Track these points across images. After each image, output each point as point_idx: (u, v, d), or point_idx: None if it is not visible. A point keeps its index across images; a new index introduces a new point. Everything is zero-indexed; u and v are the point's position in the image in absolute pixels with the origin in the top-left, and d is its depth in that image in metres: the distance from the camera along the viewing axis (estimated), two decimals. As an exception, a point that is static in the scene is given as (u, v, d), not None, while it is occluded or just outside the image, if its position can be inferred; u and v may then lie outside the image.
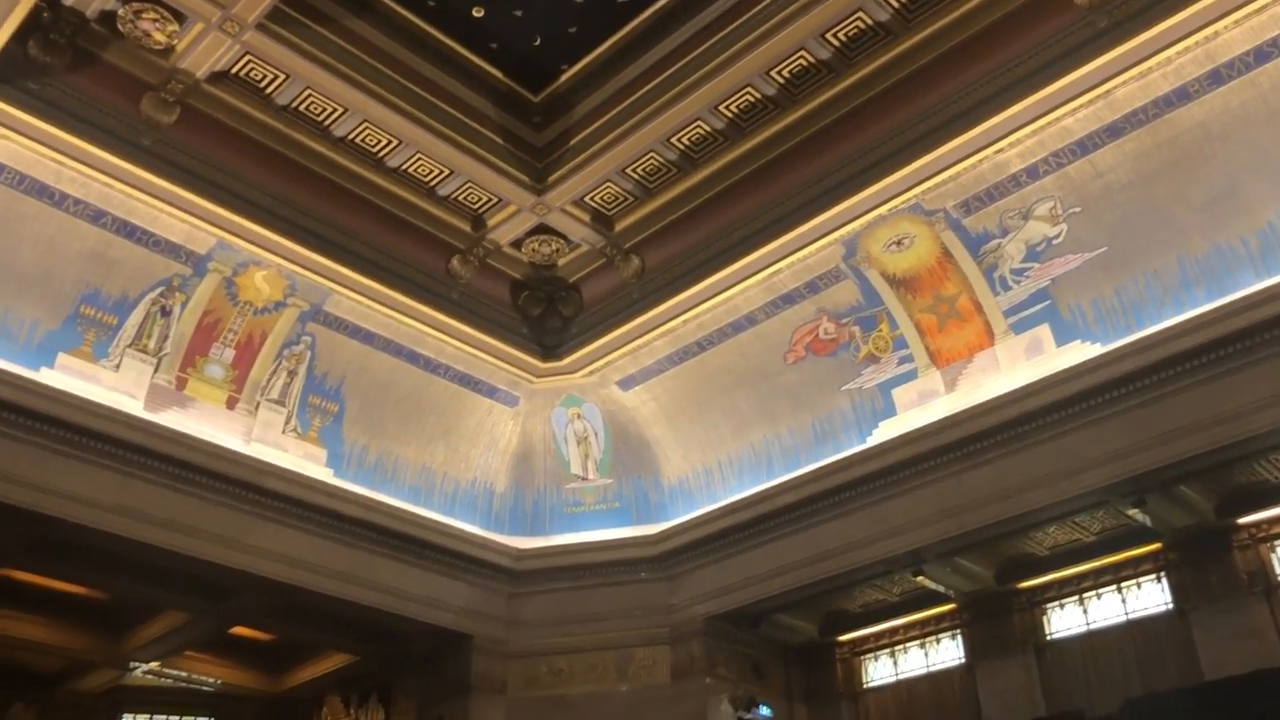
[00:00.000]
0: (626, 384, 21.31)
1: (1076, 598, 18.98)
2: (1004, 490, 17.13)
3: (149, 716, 25.09)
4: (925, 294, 18.34)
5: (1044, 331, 17.36)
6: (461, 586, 21.41)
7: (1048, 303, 17.30)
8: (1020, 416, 17.02)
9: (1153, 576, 18.19)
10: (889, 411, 18.98)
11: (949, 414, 17.86)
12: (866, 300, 18.81)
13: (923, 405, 18.49)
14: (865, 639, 21.70)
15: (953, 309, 18.19)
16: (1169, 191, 15.93)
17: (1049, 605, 19.27)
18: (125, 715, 24.88)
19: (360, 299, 19.14)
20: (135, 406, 17.76)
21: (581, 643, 21.36)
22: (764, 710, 20.78)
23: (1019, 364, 17.47)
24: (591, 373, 21.22)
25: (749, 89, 16.73)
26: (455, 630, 21.18)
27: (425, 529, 20.88)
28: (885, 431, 18.81)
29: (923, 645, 21.02)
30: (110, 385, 17.63)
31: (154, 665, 22.96)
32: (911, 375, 18.82)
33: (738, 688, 20.34)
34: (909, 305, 18.54)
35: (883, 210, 17.43)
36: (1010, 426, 17.15)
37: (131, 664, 22.74)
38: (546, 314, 20.89)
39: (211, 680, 24.25)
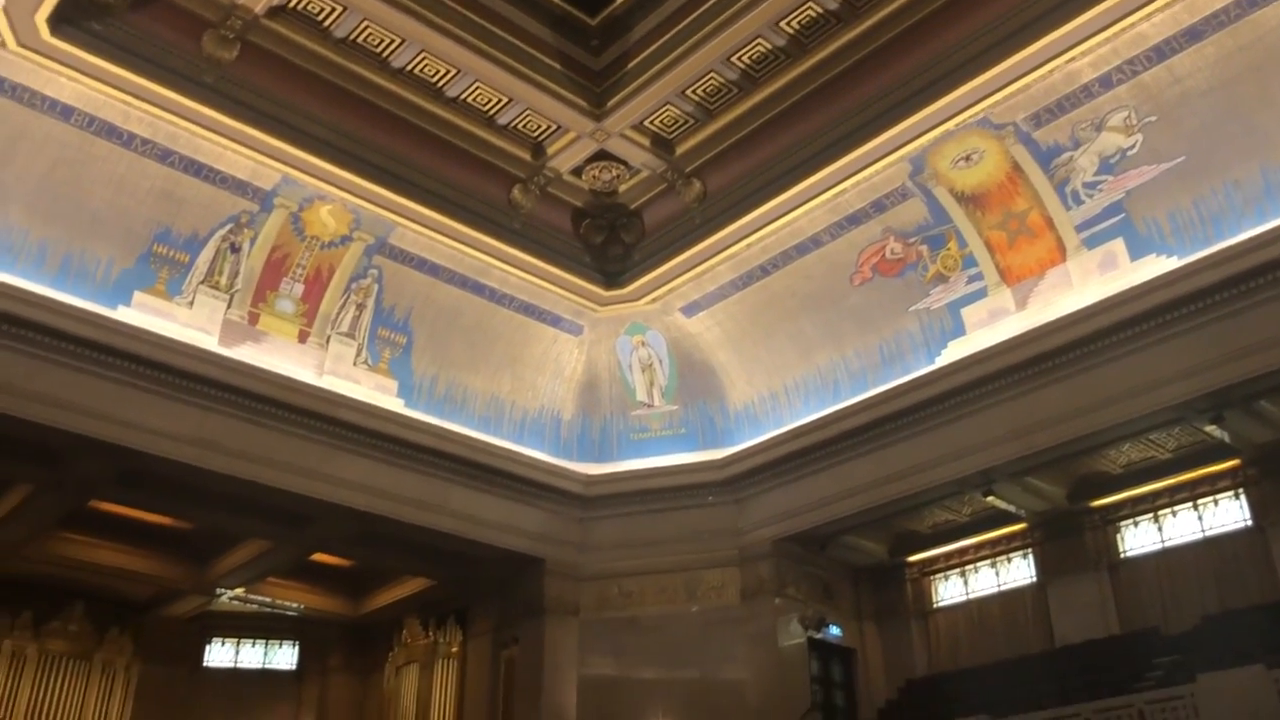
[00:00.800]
0: (690, 310, 21.27)
1: (1151, 515, 18.76)
2: (1076, 409, 16.88)
3: (236, 640, 26.09)
4: (995, 210, 17.95)
5: (1118, 246, 16.93)
6: (533, 512, 21.78)
7: (1121, 216, 16.84)
8: (1093, 333, 16.70)
9: (1230, 493, 17.89)
10: (958, 331, 18.74)
11: (1019, 332, 17.58)
12: (934, 218, 18.47)
13: (992, 324, 18.22)
14: (935, 559, 21.70)
15: (1023, 225, 17.80)
16: (1252, 97, 15.30)
17: (1123, 523, 19.08)
18: (214, 639, 25.90)
19: (424, 231, 19.26)
20: (210, 342, 18.18)
21: (651, 565, 21.67)
22: (833, 629, 20.99)
23: (1092, 279, 17.09)
24: (655, 300, 21.20)
25: (810, 3, 16.32)
26: (528, 554, 21.61)
27: (496, 457, 21.23)
28: (954, 352, 18.59)
29: (993, 565, 20.99)
30: (185, 322, 18.05)
31: (239, 591, 23.75)
32: (981, 294, 18.52)
33: (807, 608, 20.54)
34: (978, 222, 18.18)
35: (950, 125, 17.01)
36: (1083, 344, 16.85)
37: (218, 590, 23.56)
38: (608, 241, 20.84)
39: (295, 605, 25.04)
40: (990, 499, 18.99)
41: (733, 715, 19.86)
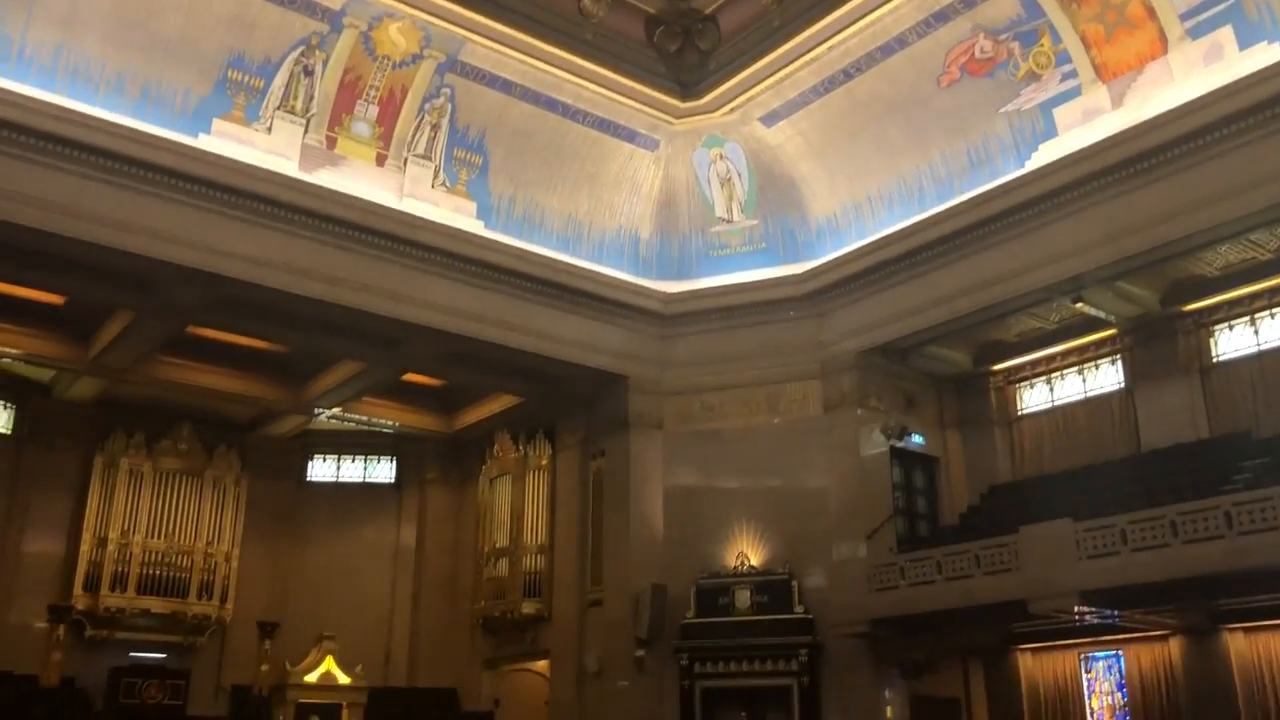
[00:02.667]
0: (769, 119, 20.69)
1: (1248, 318, 18.23)
2: (1174, 209, 16.24)
3: (337, 456, 27.29)
4: (1091, 1, 16.92)
5: (1225, 34, 15.87)
6: (614, 330, 22.03)
7: (1231, 1, 15.73)
8: (1195, 130, 15.88)
9: (1335, 294, 17.27)
10: (1050, 132, 17.99)
11: (1115, 131, 16.81)
12: (1027, 13, 17.47)
13: (1087, 124, 17.44)
14: (1020, 367, 21.53)
15: (1121, 16, 16.76)
16: None
17: (1217, 327, 18.59)
18: (316, 455, 27.11)
19: (494, 46, 18.86)
20: (290, 167, 18.34)
21: (733, 379, 21.90)
22: (916, 438, 21.15)
23: (1195, 72, 16.14)
24: (733, 110, 20.65)
25: None
26: (611, 371, 21.97)
27: (575, 276, 21.36)
28: (1046, 154, 17.91)
29: (1080, 371, 20.75)
30: (265, 148, 18.19)
31: (336, 411, 24.67)
32: (1075, 92, 17.68)
33: (890, 417, 20.67)
34: (1073, 15, 17.16)
35: (1046, -92, 15.89)
36: (1183, 141, 16.06)
37: (316, 410, 24.50)
38: (684, 49, 20.19)
39: (390, 423, 25.98)
40: (1080, 305, 18.61)
41: (814, 521, 20.36)
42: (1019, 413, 21.63)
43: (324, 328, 20.09)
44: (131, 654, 22.71)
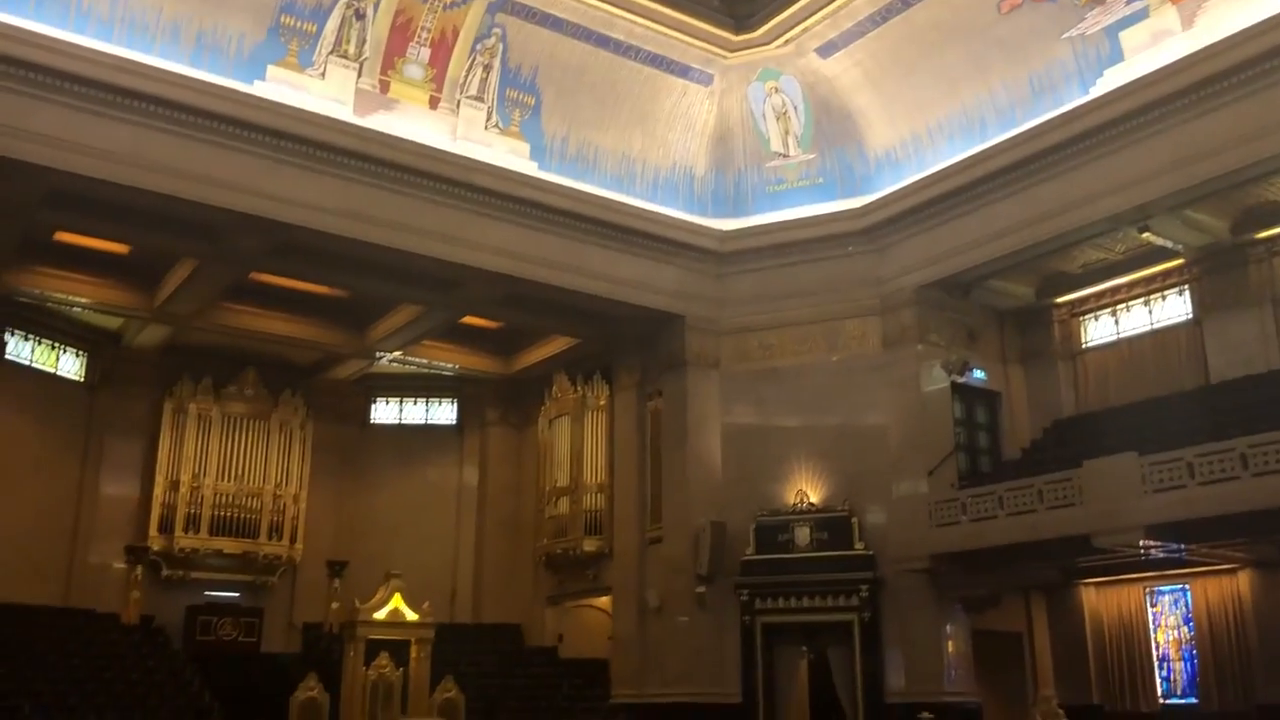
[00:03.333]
0: (826, 51, 20.29)
1: (1323, 246, 17.71)
2: (1246, 134, 15.70)
3: (399, 399, 27.69)
4: (1162, -83, 16.31)
5: (1303, -52, 15.23)
6: (670, 269, 21.95)
7: (1310, -87, 15.07)
8: (1268, 50, 15.29)
9: None
10: (1115, 57, 17.45)
11: (1185, 54, 16.25)
12: (1092, -69, 16.92)
13: (1155, 47, 16.88)
14: (1084, 299, 21.14)
15: (1194, -68, 16.14)
16: None
17: (1290, 255, 18.08)
18: (378, 398, 27.53)
19: (545, -17, 18.68)
20: (345, 112, 18.40)
21: (791, 317, 21.77)
22: (977, 374, 20.91)
23: (1271, -11, 15.50)
24: (787, 41, 20.28)
25: None
26: (667, 311, 21.94)
27: (630, 216, 21.28)
28: (1111, 79, 17.38)
29: (1146, 303, 20.34)
30: (319, 93, 18.25)
31: (397, 354, 24.96)
32: (1142, 14, 17.09)
33: (950, 353, 20.43)
34: (1142, -68, 16.57)
35: None
36: (1256, 63, 15.48)
37: (377, 353, 24.81)
38: (737, -19, 19.86)
39: (450, 365, 26.25)
40: (1146, 235, 18.16)
41: (874, 458, 20.29)
42: (1083, 346, 21.30)
43: (383, 272, 20.25)
44: (206, 593, 23.44)
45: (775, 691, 20.18)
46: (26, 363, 22.43)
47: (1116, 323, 20.82)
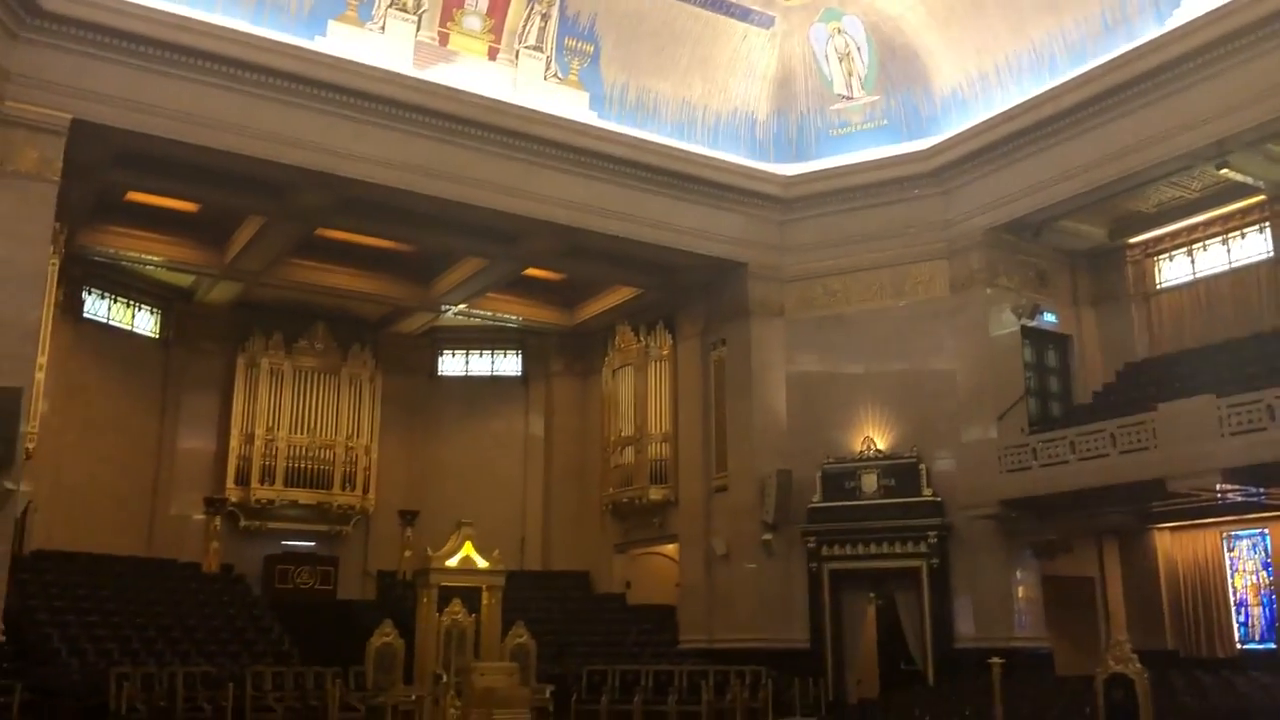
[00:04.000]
0: (888, -11, 19.87)
1: None
2: (1333, 63, 15.12)
3: (465, 351, 27.95)
4: None
5: None
6: (732, 217, 21.78)
7: None
8: (1359, -27, 14.67)
9: None
10: (1193, -14, 16.86)
11: (1268, -20, 15.63)
12: None
13: (1235, -26, 16.24)
14: (1159, 239, 20.61)
15: None
16: None
17: (1379, 189, 17.42)
18: (444, 351, 27.82)
19: (602, -72, 18.46)
20: (405, 65, 18.44)
21: (856, 263, 21.52)
22: (1048, 317, 20.56)
23: (1361, -91, 14.80)
24: (850, -19, 19.89)
25: None
26: (729, 259, 21.82)
27: (691, 163, 21.13)
28: (1188, 10, 16.76)
29: (1224, 241, 19.76)
30: (380, 47, 18.29)
31: (462, 307, 25.16)
32: (1222, -61, 16.44)
33: (1020, 296, 20.09)
34: None
35: None
36: (1345, -13, 14.86)
37: (443, 307, 25.03)
38: (797, -80, 19.44)
39: (514, 317, 26.40)
40: (1224, 171, 17.59)
41: (942, 404, 20.09)
42: (1157, 287, 20.81)
43: (445, 225, 20.38)
44: (283, 543, 24.03)
45: (843, 637, 20.28)
46: (104, 321, 22.99)
47: (1192, 262, 20.28)
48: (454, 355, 27.91)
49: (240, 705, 15.60)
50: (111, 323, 23.18)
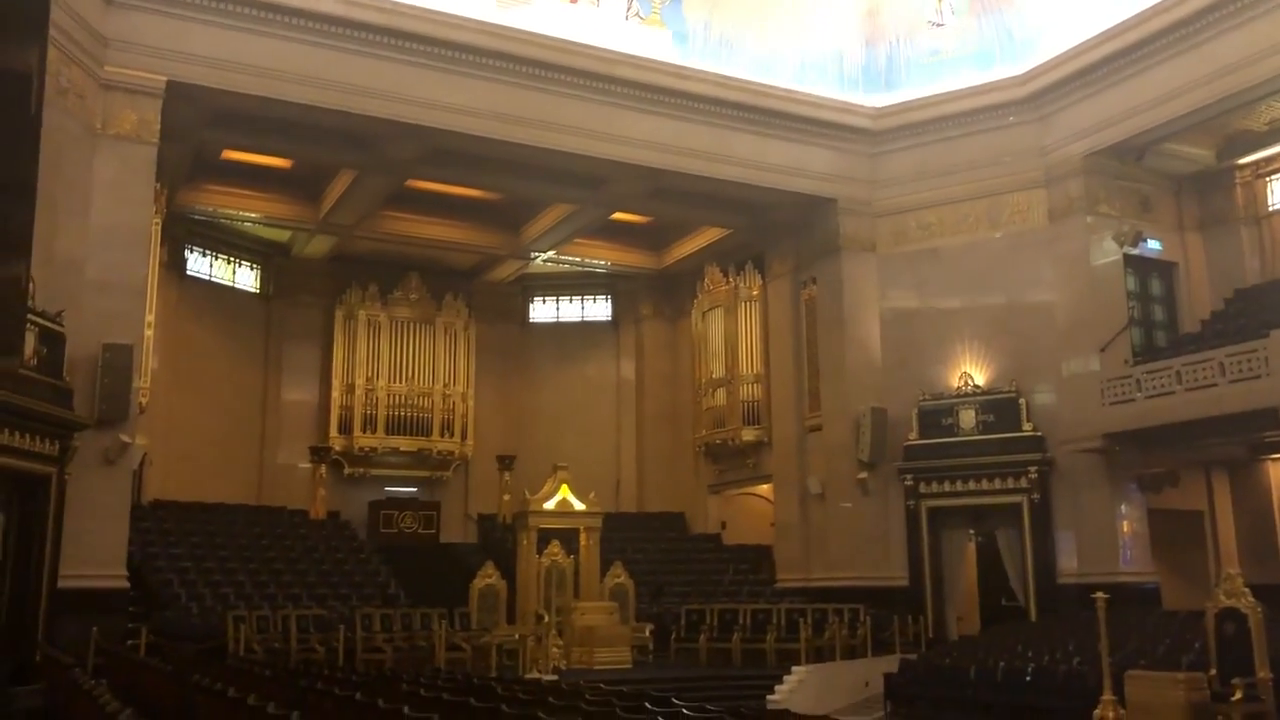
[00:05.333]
0: (980, -92, 19.12)
1: None
2: None
3: (555, 297, 28.14)
4: None
5: None
6: (820, 152, 21.41)
7: None
8: None
9: None
10: (1309, -114, 15.88)
11: (1392, -125, 14.66)
12: None
13: None
14: (1271, 159, 19.69)
15: None
16: None
17: None
18: (535, 298, 28.04)
19: None
20: (488, 11, 18.40)
21: (949, 195, 21.02)
22: (1152, 244, 19.85)
23: None
24: (939, -99, 19.19)
25: None
26: (819, 195, 21.49)
27: (777, 99, 20.78)
28: (1303, -88, 15.86)
29: (1344, 158, 18.81)
30: (460, -6, 18.29)
31: (551, 254, 25.28)
32: None
33: (1122, 223, 19.41)
34: None
35: None
36: None
37: (532, 254, 25.19)
38: None
39: (603, 262, 26.46)
40: (1345, 82, 16.68)
41: (1042, 337, 19.62)
42: (1269, 209, 19.94)
43: (532, 172, 20.43)
44: (386, 489, 24.67)
45: (942, 574, 20.14)
46: (207, 278, 23.68)
47: (1308, 181, 19.36)
48: (544, 302, 28.13)
49: (351, 646, 16.13)
50: (214, 279, 23.87)
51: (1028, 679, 13.69)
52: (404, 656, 16.20)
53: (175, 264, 22.01)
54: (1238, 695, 10.86)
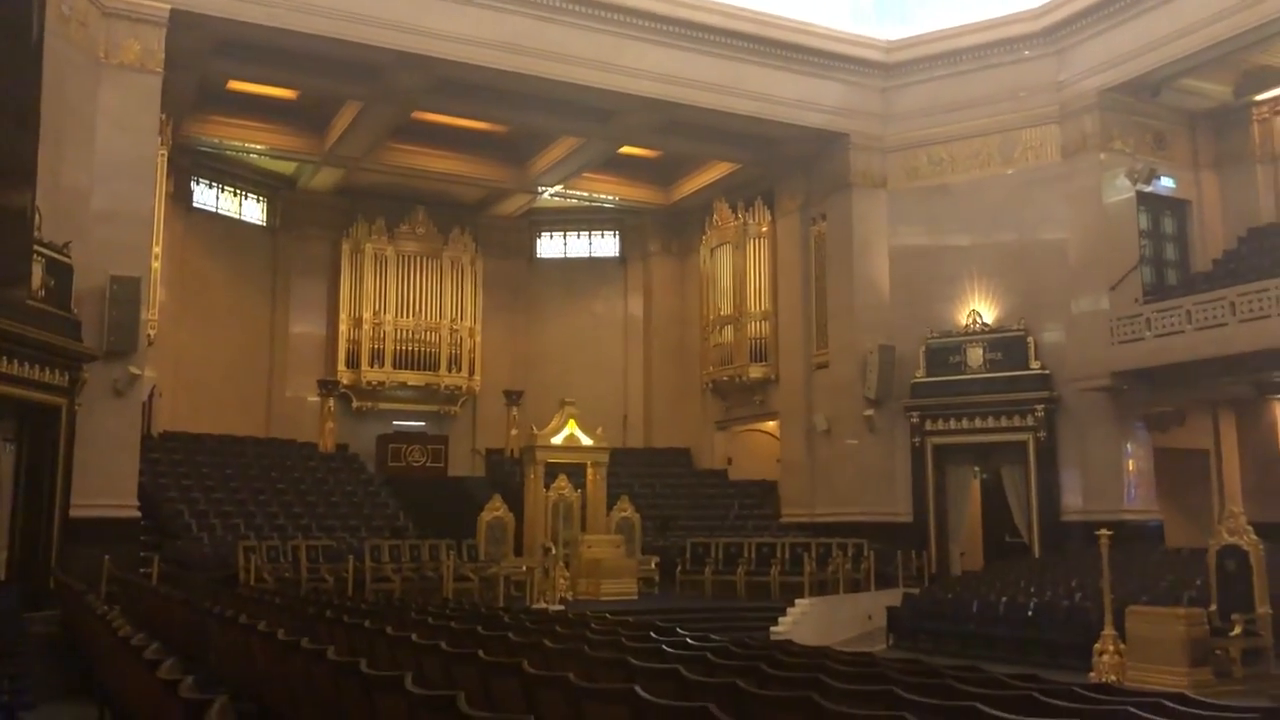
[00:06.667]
0: None
1: None
2: None
3: (563, 233, 28.01)
4: None
5: None
6: (831, 85, 21.14)
7: None
8: None
9: None
10: None
11: None
12: None
13: None
14: (1290, 94, 19.40)
15: None
16: None
17: None
18: (543, 233, 27.92)
19: None
20: (493, -61, 18.09)
21: (961, 130, 20.78)
22: (1165, 181, 19.65)
23: None
24: None
25: None
26: (829, 130, 21.26)
27: (788, 30, 20.48)
28: None
29: (1364, 95, 18.51)
30: (467, -78, 17.96)
31: (559, 188, 25.11)
32: None
33: (1136, 160, 19.17)
34: None
35: None
36: None
37: (539, 188, 25.02)
38: None
39: (610, 198, 26.28)
40: (1367, 17, 16.36)
41: (1051, 275, 19.52)
42: (1288, 143, 19.66)
43: (539, 104, 20.21)
44: (395, 423, 24.80)
45: (946, 510, 20.27)
46: (213, 210, 23.58)
47: (1331, 114, 19.07)
48: (552, 237, 28.01)
49: (360, 576, 16.35)
50: (220, 211, 23.79)
51: (1030, 614, 13.85)
52: (412, 587, 16.42)
53: (181, 196, 21.92)
54: (1237, 630, 10.99)
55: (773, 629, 15.37)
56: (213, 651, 7.57)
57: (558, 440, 19.31)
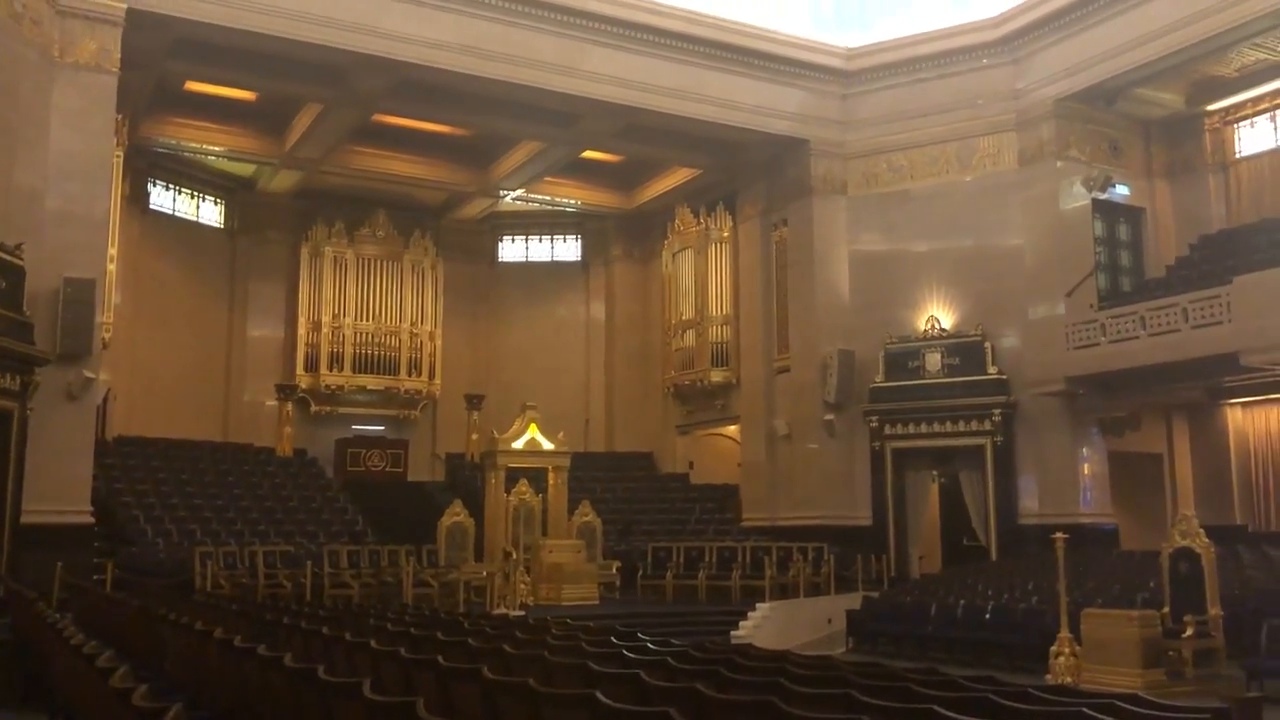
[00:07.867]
0: None
1: None
2: None
3: (525, 237, 27.94)
4: None
5: None
6: (792, 92, 21.27)
7: None
8: None
9: None
10: None
11: None
12: None
13: None
14: (1240, 105, 19.77)
15: None
16: None
17: None
18: (504, 237, 27.83)
19: None
20: (455, -59, 18.02)
21: (921, 137, 20.99)
22: (1120, 189, 19.95)
23: None
24: None
25: None
26: (790, 136, 21.39)
27: (749, 36, 20.60)
28: None
29: (1312, 106, 18.90)
30: (429, -76, 17.87)
31: (521, 191, 25.06)
32: None
33: (1092, 168, 19.48)
34: None
35: None
36: None
37: (501, 191, 24.95)
38: None
39: (572, 202, 26.27)
40: (1314, 30, 16.71)
41: (1008, 281, 19.74)
42: (1236, 156, 20.08)
43: (502, 108, 20.17)
44: (354, 427, 24.60)
45: (905, 514, 20.42)
46: (170, 212, 23.29)
47: (1276, 128, 19.44)
48: (513, 241, 27.93)
49: (318, 582, 16.16)
50: (177, 214, 23.51)
51: (987, 616, 13.97)
52: (371, 593, 16.27)
53: (138, 198, 21.63)
54: (1189, 631, 11.15)
55: (734, 633, 15.39)
56: (167, 659, 7.46)
57: (519, 445, 19.24)
